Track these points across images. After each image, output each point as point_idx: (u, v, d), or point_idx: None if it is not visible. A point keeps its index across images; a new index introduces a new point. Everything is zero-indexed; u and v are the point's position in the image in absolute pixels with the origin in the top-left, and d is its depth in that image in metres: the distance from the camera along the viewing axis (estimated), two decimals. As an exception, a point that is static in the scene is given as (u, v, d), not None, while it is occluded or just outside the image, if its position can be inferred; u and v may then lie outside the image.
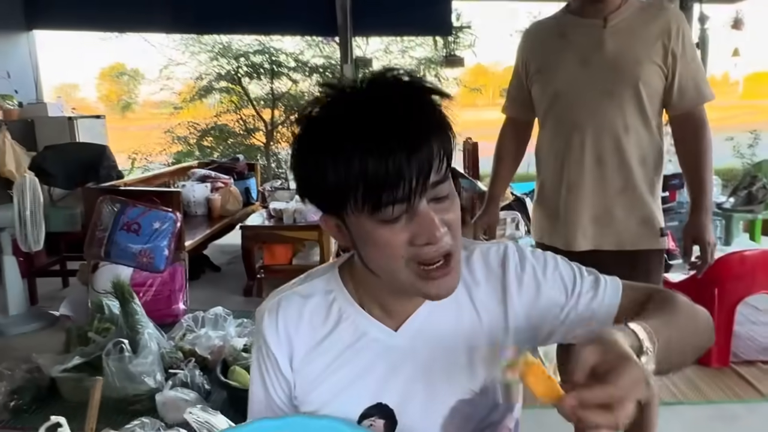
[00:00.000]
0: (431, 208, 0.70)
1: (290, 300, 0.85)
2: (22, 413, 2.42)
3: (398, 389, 0.82)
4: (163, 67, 8.01)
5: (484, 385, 0.82)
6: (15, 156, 4.44)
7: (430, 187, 0.69)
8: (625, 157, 1.57)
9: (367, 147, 0.67)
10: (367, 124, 0.68)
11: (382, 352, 0.81)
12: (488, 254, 0.85)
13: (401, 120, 0.68)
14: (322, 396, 0.83)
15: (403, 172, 0.66)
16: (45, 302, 3.88)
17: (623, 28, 1.54)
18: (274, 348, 0.84)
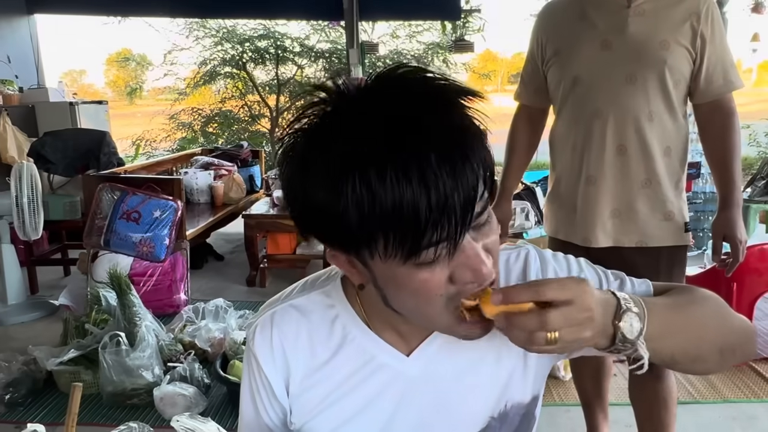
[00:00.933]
0: (473, 237, 0.57)
1: (286, 314, 0.73)
2: (17, 406, 2.36)
3: (410, 421, 0.72)
4: (167, 52, 7.91)
5: (503, 411, 0.73)
6: (16, 142, 4.38)
7: (475, 216, 0.56)
8: (648, 147, 1.47)
9: (400, 176, 0.51)
10: (394, 145, 0.52)
11: (392, 379, 0.71)
12: (508, 262, 0.75)
13: (438, 136, 0.53)
14: (323, 426, 0.73)
15: (449, 205, 0.52)
16: (45, 291, 3.83)
17: (648, 9, 1.43)
18: (267, 370, 0.73)
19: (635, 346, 0.60)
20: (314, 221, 0.59)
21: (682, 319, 0.66)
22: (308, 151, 0.57)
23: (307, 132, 0.57)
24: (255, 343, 0.73)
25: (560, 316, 0.55)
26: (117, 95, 16.35)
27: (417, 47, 8.10)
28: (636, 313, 0.60)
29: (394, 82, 0.57)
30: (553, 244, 1.69)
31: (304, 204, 0.58)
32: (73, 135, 4.08)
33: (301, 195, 0.58)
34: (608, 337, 0.59)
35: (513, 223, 3.56)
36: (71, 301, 3.25)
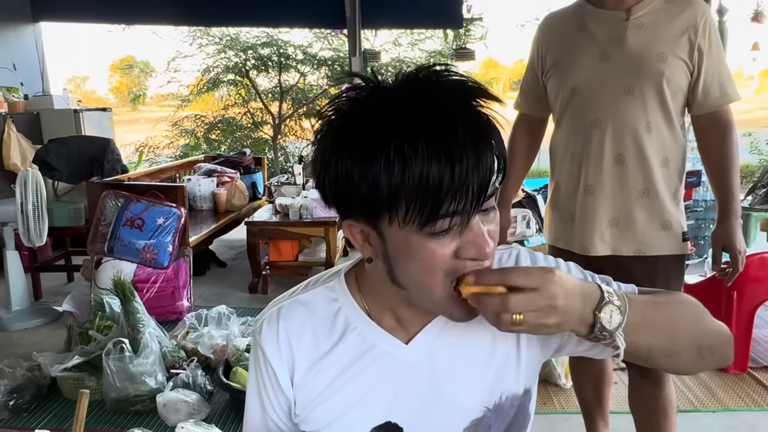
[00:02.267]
0: (481, 219, 0.64)
1: (291, 309, 0.77)
2: (21, 412, 2.38)
3: (408, 407, 0.75)
4: (171, 59, 7.96)
5: (498, 402, 0.77)
6: (20, 149, 4.41)
7: (486, 198, 0.62)
8: (646, 157, 1.49)
9: (431, 150, 0.58)
10: (426, 124, 0.59)
11: (391, 366, 0.75)
12: (500, 261, 0.78)
13: (464, 122, 0.60)
14: (325, 414, 0.76)
15: (468, 181, 0.59)
16: (49, 297, 3.85)
17: (647, 21, 1.45)
18: (273, 361, 0.76)
19: (613, 337, 0.65)
20: (342, 190, 0.64)
21: (661, 314, 0.70)
22: (346, 125, 0.63)
23: (346, 111, 0.64)
24: (262, 337, 0.77)
25: (522, 300, 0.61)
26: (120, 101, 16.41)
27: (419, 55, 8.14)
28: (617, 306, 0.64)
29: (426, 75, 0.64)
30: (553, 252, 1.71)
31: (336, 174, 0.63)
32: (77, 142, 4.11)
33: (334, 165, 0.63)
34: (587, 326, 0.65)
35: (514, 230, 3.58)
36: (75, 308, 3.26)
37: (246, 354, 2.47)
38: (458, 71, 0.65)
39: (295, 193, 4.27)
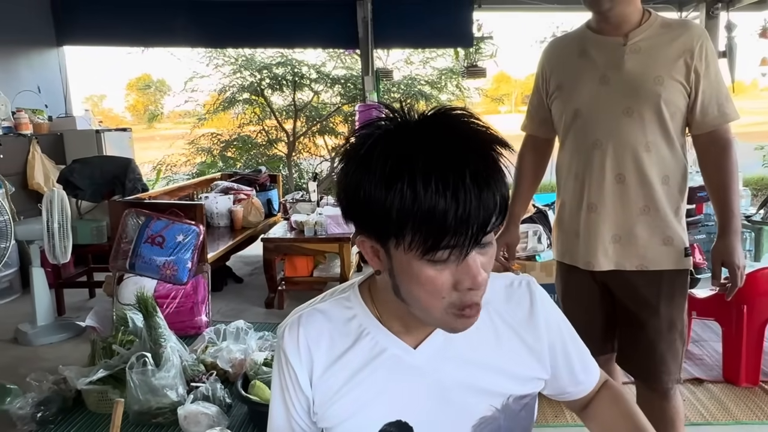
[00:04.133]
0: (478, 252, 0.70)
1: (311, 316, 0.85)
2: (48, 424, 2.46)
3: (418, 407, 0.82)
4: (188, 79, 8.15)
5: (506, 403, 0.84)
6: (44, 169, 4.56)
7: (485, 234, 0.69)
8: (646, 175, 1.54)
9: (439, 188, 0.64)
10: (439, 164, 0.65)
11: (401, 368, 0.82)
12: (511, 286, 0.88)
13: (473, 166, 0.66)
14: (340, 411, 0.83)
15: (470, 220, 0.65)
16: (72, 313, 3.96)
17: (644, 46, 1.52)
18: (294, 363, 0.83)
19: None
20: (360, 209, 0.71)
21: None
22: (370, 153, 0.69)
23: (373, 139, 0.70)
24: (284, 341, 0.85)
25: None
26: (136, 119, 16.71)
27: (430, 73, 8.25)
28: None
29: (446, 117, 0.72)
30: (560, 267, 1.77)
31: (356, 194, 0.70)
32: (99, 162, 4.25)
33: (355, 186, 0.70)
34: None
35: (525, 245, 3.63)
36: (97, 323, 3.36)
37: (264, 368, 2.54)
38: (478, 118, 0.72)
39: (309, 209, 4.36)
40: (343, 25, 5.55)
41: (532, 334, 0.86)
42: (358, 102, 6.85)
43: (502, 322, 0.86)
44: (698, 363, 2.88)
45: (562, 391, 0.93)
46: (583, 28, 1.66)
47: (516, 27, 21.83)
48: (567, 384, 0.92)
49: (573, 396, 0.95)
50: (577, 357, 0.92)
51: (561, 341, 0.90)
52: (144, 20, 5.65)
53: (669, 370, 1.62)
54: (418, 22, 5.43)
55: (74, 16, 5.62)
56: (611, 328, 1.73)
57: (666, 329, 1.60)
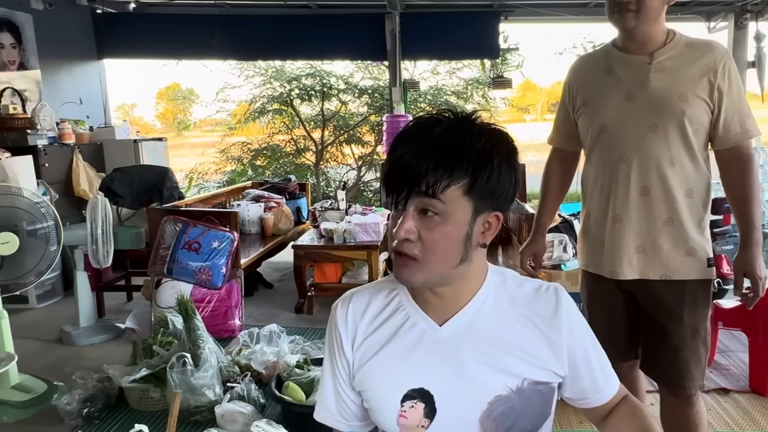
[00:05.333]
0: (415, 215, 0.87)
1: (360, 294, 1.01)
2: (93, 420, 2.59)
3: (439, 378, 0.92)
4: (220, 90, 8.38)
5: (520, 386, 0.92)
6: (87, 177, 4.77)
7: (414, 196, 0.86)
8: (670, 188, 1.60)
9: (396, 152, 0.88)
10: (412, 138, 0.87)
11: (426, 341, 0.94)
12: (539, 289, 0.98)
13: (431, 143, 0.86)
14: (372, 374, 0.96)
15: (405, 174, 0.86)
16: (111, 315, 4.13)
17: (669, 65, 1.59)
18: (341, 329, 0.98)
19: None
20: None
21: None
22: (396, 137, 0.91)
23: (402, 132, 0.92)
24: (336, 314, 1.01)
25: None
26: (165, 127, 17.10)
27: (457, 83, 8.34)
28: None
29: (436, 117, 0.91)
30: (585, 276, 1.84)
31: None
32: (139, 171, 4.43)
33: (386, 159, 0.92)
34: None
35: (551, 254, 3.67)
36: (136, 325, 3.51)
37: (296, 370, 2.64)
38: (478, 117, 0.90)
39: (338, 218, 4.47)
40: (372, 37, 5.68)
41: (553, 331, 0.94)
42: (384, 112, 6.97)
43: (525, 316, 0.94)
44: (725, 373, 2.89)
45: (582, 396, 1.00)
46: (609, 46, 1.73)
47: (541, 36, 21.78)
48: (588, 389, 0.99)
49: (593, 403, 1.01)
50: (598, 365, 0.99)
51: (583, 348, 0.97)
52: (179, 34, 5.89)
53: (692, 377, 1.67)
54: (445, 34, 5.53)
55: (114, 31, 5.88)
56: (635, 336, 1.78)
57: (689, 336, 1.65)
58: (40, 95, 5.00)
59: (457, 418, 0.91)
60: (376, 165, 8.11)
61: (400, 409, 0.93)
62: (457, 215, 0.86)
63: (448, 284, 0.92)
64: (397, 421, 0.93)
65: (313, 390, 2.49)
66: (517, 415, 0.92)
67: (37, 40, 4.96)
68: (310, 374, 2.59)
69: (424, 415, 0.92)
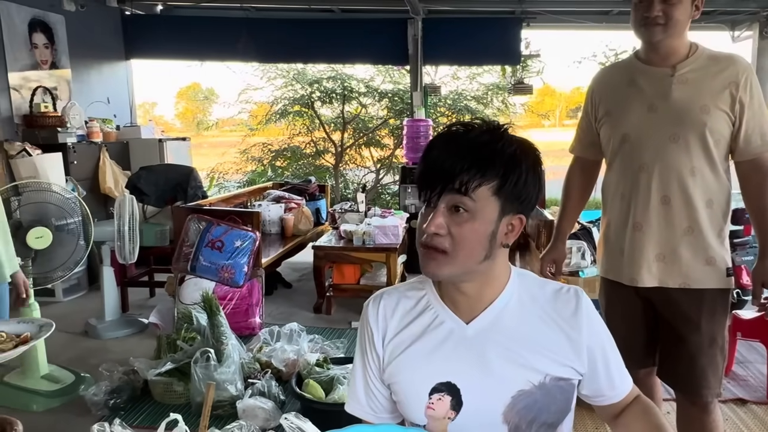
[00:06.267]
0: (445, 212, 0.93)
1: (391, 294, 1.07)
2: (119, 411, 2.67)
3: (465, 372, 0.97)
4: (242, 91, 8.50)
5: (542, 382, 0.97)
6: (113, 175, 4.88)
7: (446, 194, 0.92)
8: (690, 197, 1.63)
9: (429, 154, 0.95)
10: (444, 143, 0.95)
11: (453, 338, 0.99)
12: (560, 291, 1.03)
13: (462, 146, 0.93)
14: (401, 367, 1.01)
15: (436, 176, 0.92)
16: (134, 310, 4.22)
17: (691, 77, 1.62)
18: (372, 326, 1.05)
19: None
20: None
21: None
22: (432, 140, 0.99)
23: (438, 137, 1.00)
24: (368, 311, 1.07)
25: None
26: (185, 126, 17.32)
27: (477, 88, 8.37)
28: None
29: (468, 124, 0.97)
30: (604, 283, 1.87)
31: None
32: (164, 170, 4.53)
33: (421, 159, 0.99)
34: None
35: (569, 261, 3.69)
36: (160, 320, 3.59)
37: (316, 368, 2.70)
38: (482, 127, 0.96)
39: (357, 220, 4.53)
40: (394, 42, 5.74)
41: (574, 330, 0.99)
42: (404, 116, 7.03)
43: (547, 315, 1.00)
44: (742, 384, 2.89)
45: (598, 393, 1.04)
46: (632, 58, 1.76)
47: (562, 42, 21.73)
48: (604, 387, 1.03)
49: (607, 400, 1.05)
50: (615, 364, 1.04)
51: (601, 347, 1.02)
52: (204, 36, 5.99)
53: (709, 384, 1.69)
54: (467, 39, 5.57)
55: (142, 33, 6.01)
56: (653, 343, 1.81)
57: (707, 345, 1.68)
58: (70, 94, 5.13)
59: (482, 410, 0.96)
60: (394, 168, 8.17)
61: (428, 401, 0.98)
62: (485, 213, 0.92)
63: (472, 280, 0.98)
64: (425, 413, 0.98)
65: (333, 388, 2.55)
66: (540, 409, 0.96)
67: (69, 40, 5.10)
68: (330, 373, 2.64)
69: (450, 407, 0.97)
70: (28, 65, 4.69)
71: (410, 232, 4.96)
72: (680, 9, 1.58)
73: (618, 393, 1.05)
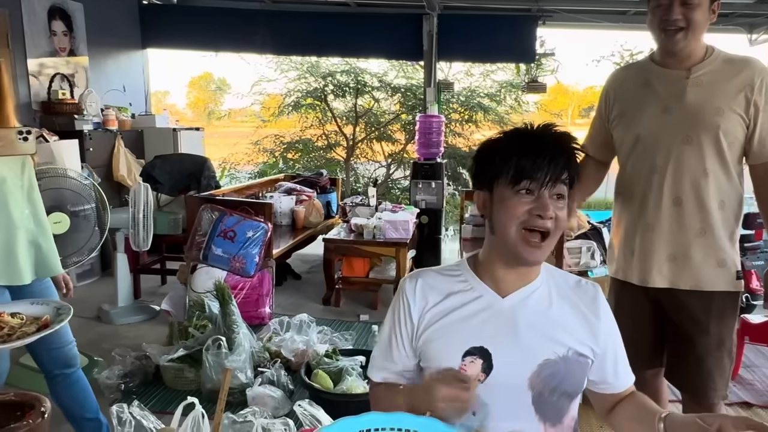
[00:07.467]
0: (550, 200, 1.04)
1: (428, 272, 1.18)
2: (131, 395, 2.72)
3: (497, 339, 1.07)
4: (255, 82, 8.54)
5: (565, 354, 1.08)
6: (127, 163, 4.93)
7: (552, 184, 1.04)
8: (703, 199, 1.64)
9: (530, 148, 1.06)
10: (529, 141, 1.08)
11: (489, 309, 1.10)
12: (580, 283, 1.17)
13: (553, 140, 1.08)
14: (439, 331, 1.10)
15: (543, 168, 1.03)
16: (146, 297, 4.28)
17: (706, 80, 1.63)
18: (410, 298, 1.14)
19: None
20: (485, 170, 1.10)
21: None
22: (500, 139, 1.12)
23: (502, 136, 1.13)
24: (405, 286, 1.16)
25: None
26: (196, 116, 17.38)
27: (490, 85, 8.35)
28: None
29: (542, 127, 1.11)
30: (613, 283, 1.88)
31: (487, 159, 1.10)
32: (179, 159, 4.57)
33: (488, 155, 1.10)
34: None
35: (578, 261, 3.71)
36: (171, 307, 3.64)
37: (325, 359, 2.73)
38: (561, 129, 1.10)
39: (368, 214, 4.56)
40: (409, 37, 5.73)
41: (594, 315, 1.12)
42: (417, 111, 7.04)
43: (570, 300, 1.12)
44: (748, 388, 2.90)
45: (603, 380, 1.15)
46: (647, 60, 1.77)
47: (576, 40, 21.62)
48: (609, 374, 1.14)
49: (609, 388, 1.16)
50: (621, 356, 1.16)
51: (613, 336, 1.15)
52: (220, 27, 6.02)
53: (716, 386, 1.71)
54: (482, 36, 5.56)
55: (158, 22, 6.05)
56: (660, 344, 1.82)
57: (715, 347, 1.69)
58: (87, 82, 5.19)
59: (510, 375, 1.06)
60: (405, 163, 8.18)
61: (461, 363, 1.07)
62: (567, 199, 1.08)
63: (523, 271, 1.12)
64: None
65: (341, 379, 2.58)
66: (562, 379, 1.07)
67: (87, 28, 5.15)
68: (339, 364, 2.68)
69: (481, 369, 1.06)
70: (46, 52, 4.75)
71: (420, 227, 4.98)
72: (700, 12, 1.59)
73: (620, 384, 1.16)
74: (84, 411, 2.11)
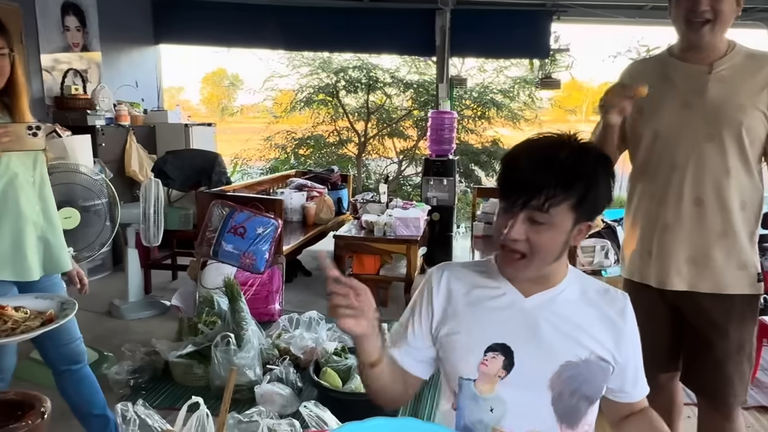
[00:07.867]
0: (525, 220, 1.02)
1: (454, 265, 1.19)
2: (140, 390, 2.73)
3: (519, 338, 1.07)
4: (267, 78, 8.53)
5: (588, 358, 1.07)
6: (139, 158, 4.94)
7: (522, 208, 1.01)
8: (725, 200, 1.59)
9: (522, 166, 1.03)
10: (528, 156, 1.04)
11: (512, 308, 1.10)
12: (608, 291, 1.15)
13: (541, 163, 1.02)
14: (463, 324, 1.11)
15: (521, 188, 1.01)
16: (156, 292, 4.29)
17: (728, 75, 1.57)
18: (434, 287, 1.15)
19: None
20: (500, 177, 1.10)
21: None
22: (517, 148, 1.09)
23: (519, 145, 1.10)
24: (432, 276, 1.18)
25: None
26: (210, 111, 17.44)
27: (503, 81, 8.27)
28: None
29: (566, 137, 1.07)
30: (628, 285, 1.82)
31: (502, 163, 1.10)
32: (190, 155, 4.57)
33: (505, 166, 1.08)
34: None
35: (592, 260, 3.65)
36: (181, 303, 3.64)
37: (334, 357, 2.71)
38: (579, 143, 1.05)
39: (379, 210, 4.52)
40: (421, 32, 5.69)
41: (622, 323, 1.10)
42: (429, 107, 6.98)
43: (595, 306, 1.11)
44: (766, 391, 2.83)
45: (621, 389, 1.15)
46: (665, 54, 1.72)
47: (591, 36, 21.39)
48: (629, 383, 1.14)
49: (626, 397, 1.16)
50: (641, 366, 1.16)
51: (636, 346, 1.14)
52: (232, 23, 6.01)
53: (735, 392, 1.66)
54: (496, 31, 5.50)
55: (171, 18, 6.05)
56: (677, 347, 1.77)
57: (735, 351, 1.64)
58: (100, 77, 5.20)
59: (531, 374, 1.06)
60: (417, 160, 8.13)
61: (482, 358, 1.07)
62: (562, 225, 1.03)
63: (541, 275, 1.10)
64: (478, 368, 1.08)
65: (350, 377, 2.56)
66: (582, 382, 1.06)
67: (100, 23, 5.16)
68: (348, 362, 2.66)
69: (502, 366, 1.07)
70: (60, 47, 4.76)
71: (431, 224, 4.94)
72: (727, 3, 1.54)
73: (637, 393, 1.16)
74: (91, 407, 2.10)
